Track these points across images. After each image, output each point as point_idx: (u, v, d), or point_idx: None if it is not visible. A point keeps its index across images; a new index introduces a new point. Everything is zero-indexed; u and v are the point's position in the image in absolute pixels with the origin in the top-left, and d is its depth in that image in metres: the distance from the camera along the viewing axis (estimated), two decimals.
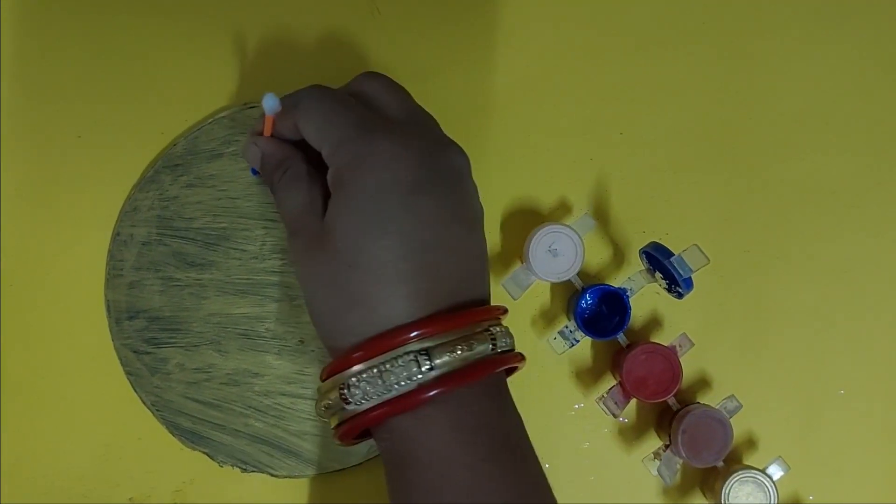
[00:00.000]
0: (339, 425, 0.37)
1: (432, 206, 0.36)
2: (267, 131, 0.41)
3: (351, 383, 0.35)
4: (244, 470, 0.46)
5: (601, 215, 0.48)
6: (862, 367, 0.48)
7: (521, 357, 0.38)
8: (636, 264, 0.47)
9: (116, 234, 0.47)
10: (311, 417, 0.46)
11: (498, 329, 0.37)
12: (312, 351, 0.46)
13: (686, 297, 0.44)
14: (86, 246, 0.48)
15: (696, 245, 0.42)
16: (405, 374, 0.34)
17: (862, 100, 0.49)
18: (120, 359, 0.47)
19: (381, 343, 0.35)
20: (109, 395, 0.47)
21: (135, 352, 0.47)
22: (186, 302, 0.47)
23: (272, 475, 0.46)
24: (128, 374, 0.47)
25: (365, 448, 0.46)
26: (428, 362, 0.34)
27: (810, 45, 0.49)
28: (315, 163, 0.40)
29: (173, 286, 0.47)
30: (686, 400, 0.47)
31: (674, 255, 0.42)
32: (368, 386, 0.35)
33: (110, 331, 0.47)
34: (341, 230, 0.36)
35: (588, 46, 0.49)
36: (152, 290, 0.47)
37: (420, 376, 0.34)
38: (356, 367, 0.35)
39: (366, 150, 0.36)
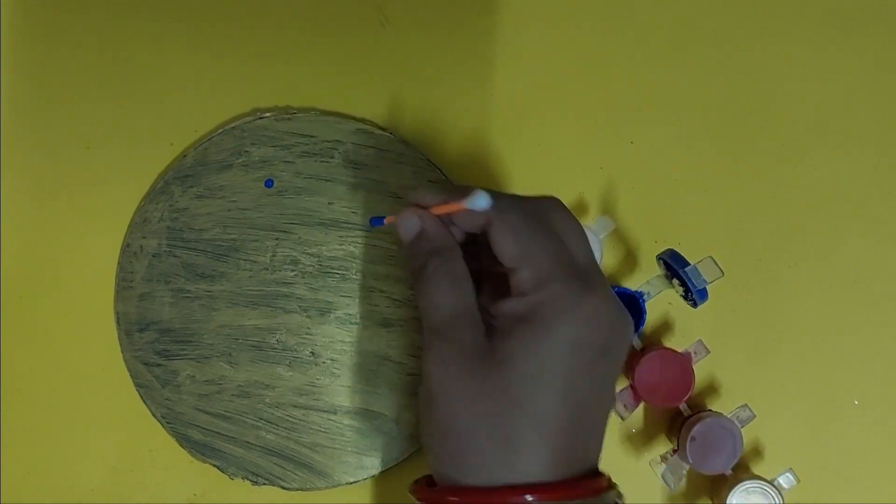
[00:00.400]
0: None
1: (608, 375, 0.36)
2: (440, 210, 0.38)
3: None
4: (255, 483, 0.46)
5: None
6: (877, 377, 0.48)
7: None
8: (647, 273, 0.47)
9: (126, 246, 0.47)
10: (323, 429, 0.46)
11: (615, 492, 0.36)
12: (324, 362, 0.46)
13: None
14: (95, 257, 0.48)
15: (710, 257, 0.42)
16: None
17: (873, 107, 0.49)
18: (130, 371, 0.47)
19: (510, 496, 0.33)
20: (119, 408, 0.47)
21: (145, 364, 0.46)
22: (197, 314, 0.46)
23: (283, 488, 0.46)
24: (138, 386, 0.47)
25: (377, 461, 0.46)
26: None
27: (821, 53, 0.49)
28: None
29: (184, 298, 0.47)
30: (697, 406, 0.47)
31: (689, 264, 0.42)
32: None
33: (120, 343, 0.47)
34: (522, 371, 0.34)
35: (597, 55, 0.49)
36: (163, 301, 0.47)
37: None
38: None
39: (572, 299, 0.34)
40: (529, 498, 0.33)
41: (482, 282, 0.39)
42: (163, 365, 0.46)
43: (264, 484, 0.46)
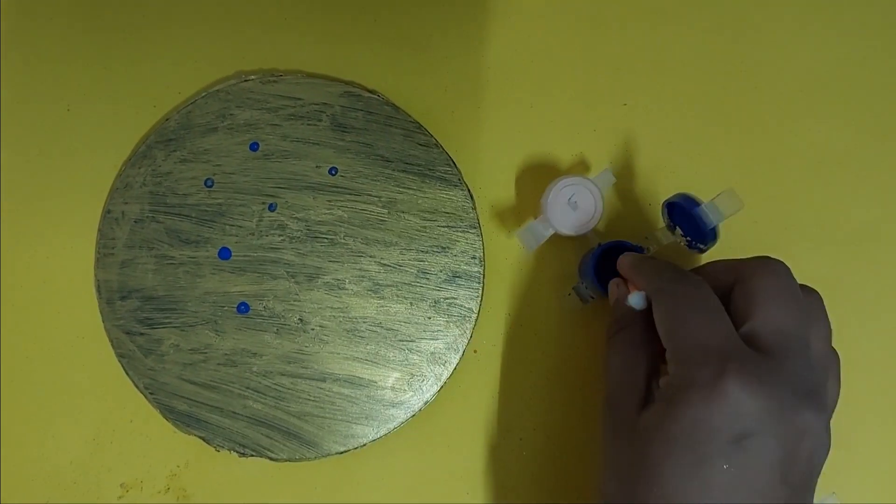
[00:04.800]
0: None
1: (747, 466, 0.33)
2: (632, 287, 0.40)
3: None
4: (242, 454, 0.45)
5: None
6: (878, 339, 0.47)
7: None
8: (643, 233, 0.46)
9: (107, 212, 0.46)
10: (312, 398, 0.45)
11: None
12: (312, 329, 0.45)
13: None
14: (75, 224, 0.46)
15: (731, 189, 0.40)
16: None
17: (870, 68, 0.49)
18: (111, 340, 0.45)
19: None
20: (99, 378, 0.46)
21: (127, 333, 0.45)
22: (181, 281, 0.45)
23: (271, 459, 0.45)
24: (119, 356, 0.45)
25: (370, 431, 0.45)
26: None
27: (817, 12, 0.49)
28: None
29: (167, 264, 0.45)
30: None
31: (702, 203, 0.41)
32: None
33: (101, 312, 0.45)
34: (654, 447, 0.34)
35: (589, 16, 0.48)
36: (145, 268, 0.45)
37: None
38: None
39: (702, 381, 0.33)
40: None
41: None
42: (146, 334, 0.45)
43: (251, 455, 0.45)
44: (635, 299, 0.39)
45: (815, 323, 0.37)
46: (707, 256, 0.45)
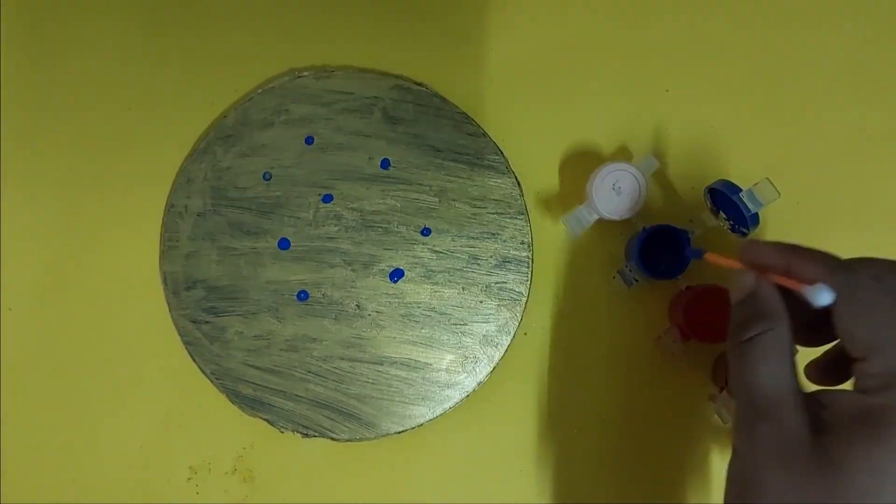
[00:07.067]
0: None
1: None
2: (782, 280, 0.35)
3: None
4: (305, 435, 0.47)
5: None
6: None
7: None
8: (687, 217, 0.48)
9: (171, 206, 0.48)
10: (370, 381, 0.47)
11: None
12: (369, 315, 0.47)
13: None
14: (139, 218, 0.48)
15: (767, 179, 0.42)
16: None
17: None
18: (178, 329, 0.47)
19: None
20: (167, 366, 0.48)
21: (193, 322, 0.47)
22: (243, 270, 0.47)
23: (333, 439, 0.47)
24: (186, 344, 0.47)
25: (427, 411, 0.47)
26: None
27: None
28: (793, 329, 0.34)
29: (230, 255, 0.47)
30: None
31: (742, 190, 0.42)
32: None
33: (167, 302, 0.47)
34: (857, 483, 0.31)
35: (630, 4, 0.50)
36: (209, 259, 0.47)
37: None
38: None
39: None
40: None
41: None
42: (211, 322, 0.47)
43: (314, 436, 0.47)
44: (822, 296, 0.32)
45: None
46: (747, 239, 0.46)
